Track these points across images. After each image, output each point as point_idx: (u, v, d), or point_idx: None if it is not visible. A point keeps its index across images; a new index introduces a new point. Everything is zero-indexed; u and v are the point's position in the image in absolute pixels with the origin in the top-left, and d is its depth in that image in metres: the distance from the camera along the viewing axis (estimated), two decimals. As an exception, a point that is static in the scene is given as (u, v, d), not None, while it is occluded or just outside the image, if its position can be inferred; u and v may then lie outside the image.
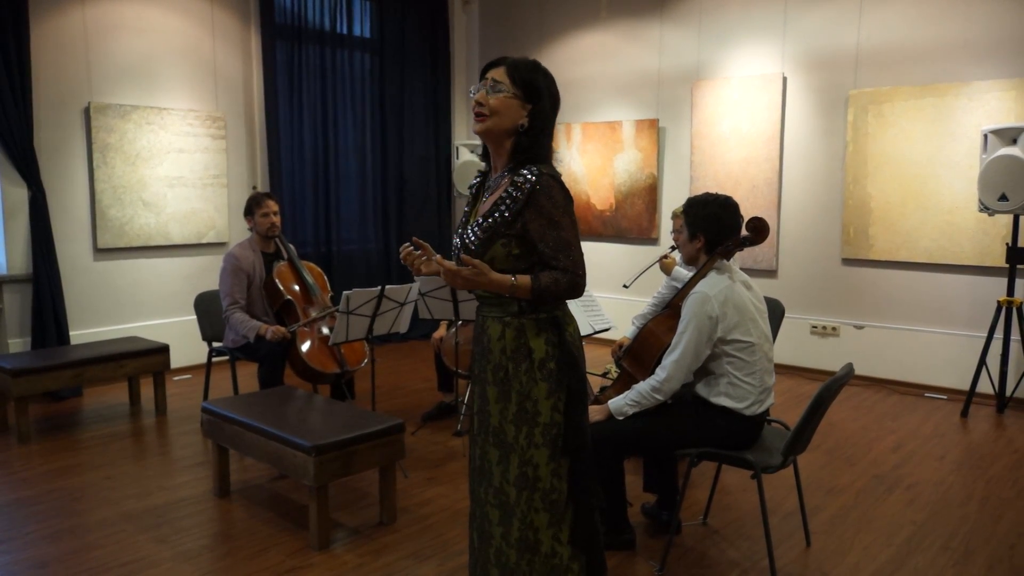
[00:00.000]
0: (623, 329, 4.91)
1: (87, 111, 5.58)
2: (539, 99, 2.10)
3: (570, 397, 2.14)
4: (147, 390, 5.25)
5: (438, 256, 2.13)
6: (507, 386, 2.14)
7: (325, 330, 4.55)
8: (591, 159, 7.22)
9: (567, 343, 2.15)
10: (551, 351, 2.13)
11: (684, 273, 3.97)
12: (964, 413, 5.06)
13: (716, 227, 2.96)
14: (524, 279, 2.06)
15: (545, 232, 2.06)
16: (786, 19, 6.08)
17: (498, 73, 2.10)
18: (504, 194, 2.08)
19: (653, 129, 6.82)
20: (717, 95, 6.41)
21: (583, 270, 2.10)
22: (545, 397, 2.12)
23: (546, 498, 2.13)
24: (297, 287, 4.60)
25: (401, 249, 2.21)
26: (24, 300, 5.38)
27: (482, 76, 2.14)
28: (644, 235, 6.97)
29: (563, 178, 2.15)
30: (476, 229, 2.12)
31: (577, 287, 2.09)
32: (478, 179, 2.29)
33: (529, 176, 2.06)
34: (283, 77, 6.64)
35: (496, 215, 2.08)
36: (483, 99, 2.09)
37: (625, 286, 4.38)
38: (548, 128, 2.15)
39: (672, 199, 6.77)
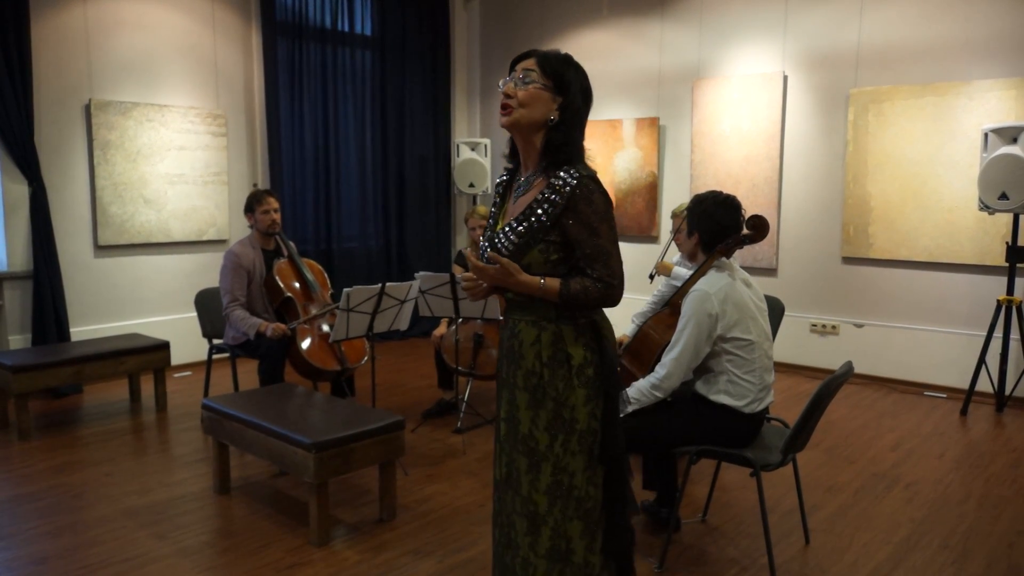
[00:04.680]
0: (623, 327, 4.92)
1: (88, 108, 5.58)
2: (569, 92, 2.02)
3: (608, 404, 2.08)
4: (147, 387, 5.25)
5: (468, 250, 2.09)
6: (541, 392, 2.05)
7: (325, 327, 4.55)
8: (591, 157, 7.21)
9: (606, 349, 2.08)
10: (590, 357, 2.05)
11: (684, 271, 3.97)
12: (963, 411, 5.06)
13: (712, 224, 2.96)
14: (553, 283, 1.99)
15: (584, 238, 1.98)
16: (787, 18, 6.08)
17: (528, 64, 2.02)
18: (540, 197, 1.99)
19: (654, 127, 6.82)
20: (718, 93, 6.41)
21: (619, 280, 2.00)
22: (583, 404, 2.04)
23: (581, 507, 2.06)
24: (297, 284, 4.60)
25: (464, 279, 2.12)
26: (24, 297, 5.39)
27: (511, 69, 2.07)
28: (644, 233, 6.97)
29: None
30: (509, 233, 2.03)
31: (611, 297, 2.00)
32: (505, 177, 2.19)
33: (568, 179, 1.97)
34: (284, 74, 6.64)
35: (532, 219, 1.99)
36: (511, 91, 2.01)
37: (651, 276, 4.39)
38: (580, 124, 2.06)
39: (672, 197, 6.77)
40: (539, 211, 1.99)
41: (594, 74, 2.02)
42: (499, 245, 2.05)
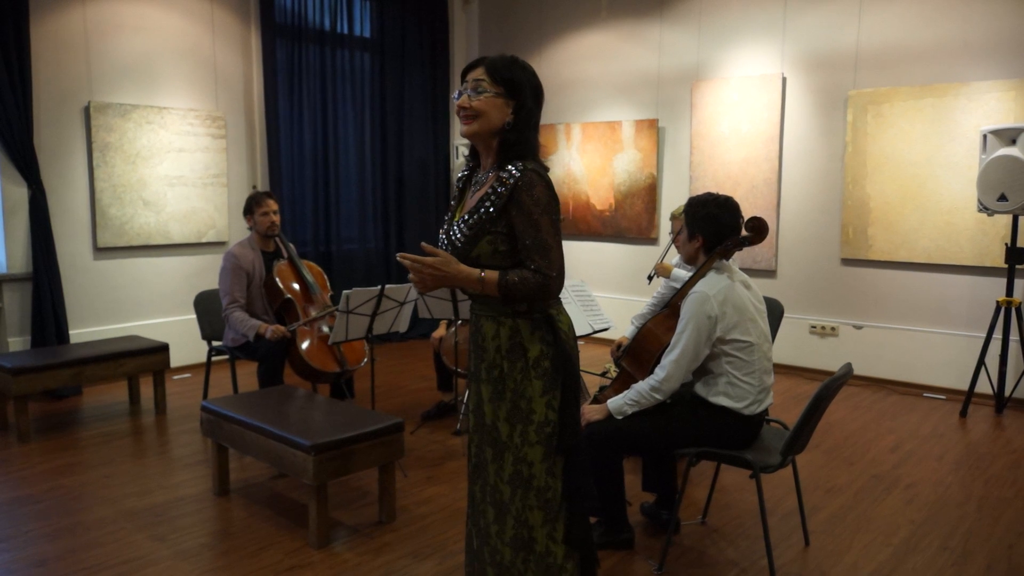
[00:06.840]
0: (622, 328, 4.92)
1: (87, 110, 5.58)
2: (521, 94, 2.09)
3: (564, 395, 2.15)
4: (147, 389, 5.25)
5: (404, 254, 2.10)
6: (501, 384, 2.14)
7: (325, 329, 4.55)
8: (591, 159, 7.22)
9: (561, 342, 2.14)
10: (546, 350, 2.13)
11: (683, 273, 3.98)
12: (963, 413, 5.06)
13: (714, 227, 2.96)
14: (492, 274, 2.04)
15: (524, 229, 2.04)
16: (785, 19, 6.08)
17: (478, 73, 2.09)
18: (489, 190, 2.08)
19: (653, 129, 6.83)
20: (717, 95, 6.41)
21: (556, 272, 2.05)
22: (540, 395, 2.12)
23: (540, 496, 2.14)
24: (297, 286, 4.60)
25: (412, 269, 2.09)
26: (24, 299, 5.38)
27: (463, 79, 2.14)
28: (643, 235, 6.97)
29: (563, 178, 2.13)
30: (463, 226, 2.10)
31: (546, 289, 2.04)
32: (465, 173, 2.27)
33: (513, 172, 2.05)
34: (283, 76, 6.65)
35: (481, 211, 2.07)
36: (466, 103, 2.08)
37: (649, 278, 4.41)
38: (533, 122, 2.14)
39: (671, 199, 6.77)
40: (487, 203, 2.07)
41: (593, 76, 2.01)
42: (453, 238, 2.14)
